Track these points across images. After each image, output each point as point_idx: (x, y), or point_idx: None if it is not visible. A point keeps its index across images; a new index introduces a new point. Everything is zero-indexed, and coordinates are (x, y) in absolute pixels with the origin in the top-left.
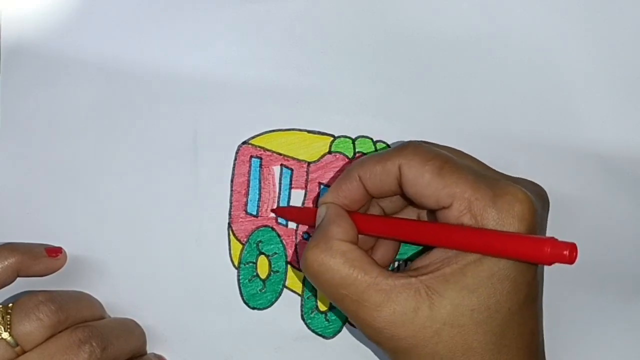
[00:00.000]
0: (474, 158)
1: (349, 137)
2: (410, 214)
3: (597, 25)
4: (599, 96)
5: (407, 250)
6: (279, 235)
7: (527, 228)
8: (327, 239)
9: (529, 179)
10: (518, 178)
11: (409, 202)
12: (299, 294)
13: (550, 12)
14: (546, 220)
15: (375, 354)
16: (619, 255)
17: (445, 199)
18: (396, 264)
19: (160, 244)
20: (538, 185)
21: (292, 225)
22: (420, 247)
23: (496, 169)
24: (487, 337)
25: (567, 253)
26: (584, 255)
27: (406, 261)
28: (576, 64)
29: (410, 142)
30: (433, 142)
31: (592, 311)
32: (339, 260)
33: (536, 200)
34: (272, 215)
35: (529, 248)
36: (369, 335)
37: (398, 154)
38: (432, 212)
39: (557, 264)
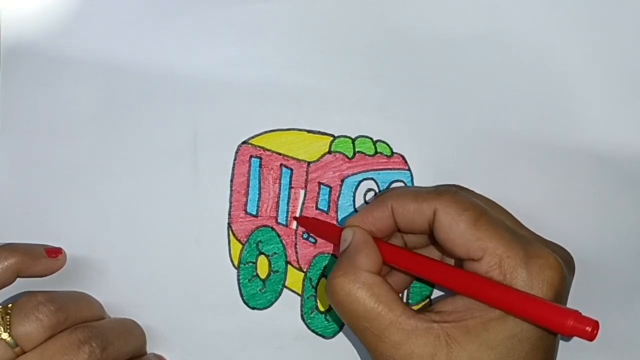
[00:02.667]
0: (509, 213)
1: (349, 137)
2: (433, 251)
3: (597, 25)
4: (598, 96)
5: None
6: (278, 235)
7: (554, 294)
8: (354, 268)
9: (530, 178)
10: (548, 241)
11: (434, 241)
12: (298, 294)
13: (550, 12)
14: (570, 287)
15: None
16: (619, 255)
17: (477, 252)
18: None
19: (160, 244)
20: (567, 251)
21: (292, 224)
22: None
23: (498, 171)
24: None
25: (589, 329)
26: (583, 255)
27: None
28: (576, 64)
29: (448, 187)
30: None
31: (592, 311)
32: (366, 293)
33: (565, 267)
34: (272, 214)
35: (552, 316)
36: None
37: (436, 198)
38: (458, 259)
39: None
